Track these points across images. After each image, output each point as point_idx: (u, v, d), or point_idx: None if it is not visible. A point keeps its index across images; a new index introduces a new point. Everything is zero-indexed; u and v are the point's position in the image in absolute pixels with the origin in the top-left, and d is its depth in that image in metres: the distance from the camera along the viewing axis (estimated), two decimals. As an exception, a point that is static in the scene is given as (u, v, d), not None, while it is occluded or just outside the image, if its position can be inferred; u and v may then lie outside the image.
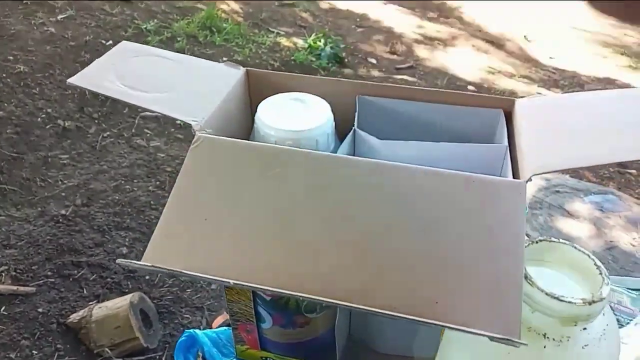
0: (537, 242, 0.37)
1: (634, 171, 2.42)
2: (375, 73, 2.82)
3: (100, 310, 1.24)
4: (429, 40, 3.37)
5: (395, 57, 3.08)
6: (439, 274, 0.34)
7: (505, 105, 0.46)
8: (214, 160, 0.41)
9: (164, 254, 0.37)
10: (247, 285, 0.34)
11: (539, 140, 0.40)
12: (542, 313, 0.33)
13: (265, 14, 3.07)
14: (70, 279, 1.35)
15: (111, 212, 1.56)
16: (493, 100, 0.47)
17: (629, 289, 0.64)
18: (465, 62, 3.15)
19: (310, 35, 2.87)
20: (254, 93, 0.52)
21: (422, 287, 0.33)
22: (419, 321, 0.32)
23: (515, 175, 0.39)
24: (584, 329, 0.34)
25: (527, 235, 1.16)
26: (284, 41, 2.83)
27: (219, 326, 0.73)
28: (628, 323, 0.60)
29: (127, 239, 1.49)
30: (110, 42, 2.14)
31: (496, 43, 3.59)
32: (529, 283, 0.33)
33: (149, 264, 0.35)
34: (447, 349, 0.40)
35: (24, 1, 2.18)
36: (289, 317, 0.55)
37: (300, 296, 0.34)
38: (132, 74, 0.47)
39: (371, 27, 3.38)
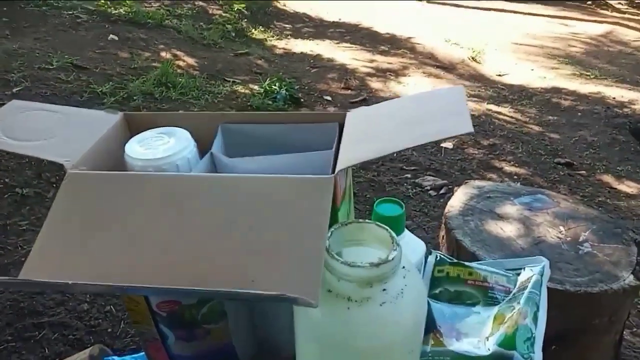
0: (347, 225, 0.44)
1: (583, 172, 2.53)
2: (330, 109, 2.93)
3: (60, 366, 1.27)
4: (381, 73, 3.53)
5: (349, 91, 3.21)
6: (256, 259, 0.40)
7: (340, 119, 0.54)
8: (81, 192, 0.48)
9: (34, 271, 0.43)
10: (84, 284, 0.41)
11: (351, 142, 0.48)
12: (345, 280, 0.40)
13: (221, 65, 3.21)
14: (32, 341, 1.38)
15: (72, 270, 1.60)
16: (331, 116, 0.55)
17: (506, 269, 0.70)
18: (418, 88, 3.28)
19: (266, 80, 3.00)
20: (134, 133, 0.59)
21: (243, 271, 0.40)
22: (240, 294, 0.38)
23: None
24: (384, 290, 0.40)
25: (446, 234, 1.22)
26: (240, 89, 2.95)
27: None
28: (503, 299, 0.67)
29: (87, 296, 1.52)
30: (67, 108, 2.23)
31: (447, 67, 3.76)
32: (330, 255, 0.40)
33: (9, 279, 0.41)
34: (296, 330, 0.46)
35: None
36: (189, 331, 0.60)
37: (149, 287, 0.40)
38: (18, 127, 0.54)
39: (325, 66, 3.53)
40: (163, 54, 3.10)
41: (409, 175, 2.29)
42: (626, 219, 2.06)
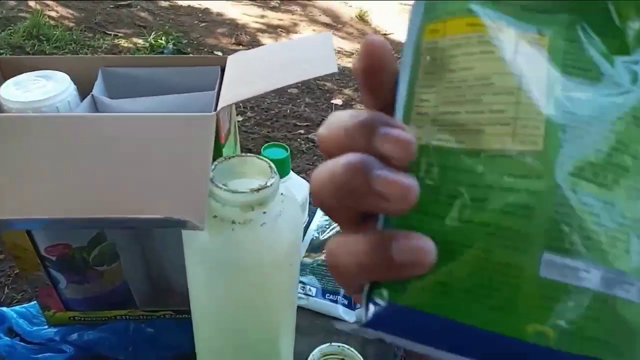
0: (230, 158, 0.48)
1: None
2: (221, 65, 2.88)
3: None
4: (272, 29, 3.51)
5: (240, 47, 3.16)
6: (144, 191, 0.43)
7: (222, 62, 0.57)
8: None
9: None
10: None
11: (232, 83, 0.51)
12: (229, 206, 0.44)
13: (100, 17, 2.99)
14: None
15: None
16: (213, 60, 0.58)
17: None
18: (307, 45, 3.31)
19: (151, 34, 2.86)
20: (8, 78, 0.57)
21: (132, 202, 0.43)
22: (129, 219, 0.41)
23: (217, 112, 0.50)
24: (264, 212, 0.46)
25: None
26: (123, 43, 2.79)
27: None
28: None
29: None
30: None
31: (336, 26, 3.84)
32: (215, 185, 0.44)
33: None
34: (186, 257, 0.50)
35: None
36: (80, 273, 0.62)
37: (34, 219, 0.41)
38: None
39: (214, 20, 3.43)
40: (32, 3, 2.82)
41: (302, 131, 2.36)
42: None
